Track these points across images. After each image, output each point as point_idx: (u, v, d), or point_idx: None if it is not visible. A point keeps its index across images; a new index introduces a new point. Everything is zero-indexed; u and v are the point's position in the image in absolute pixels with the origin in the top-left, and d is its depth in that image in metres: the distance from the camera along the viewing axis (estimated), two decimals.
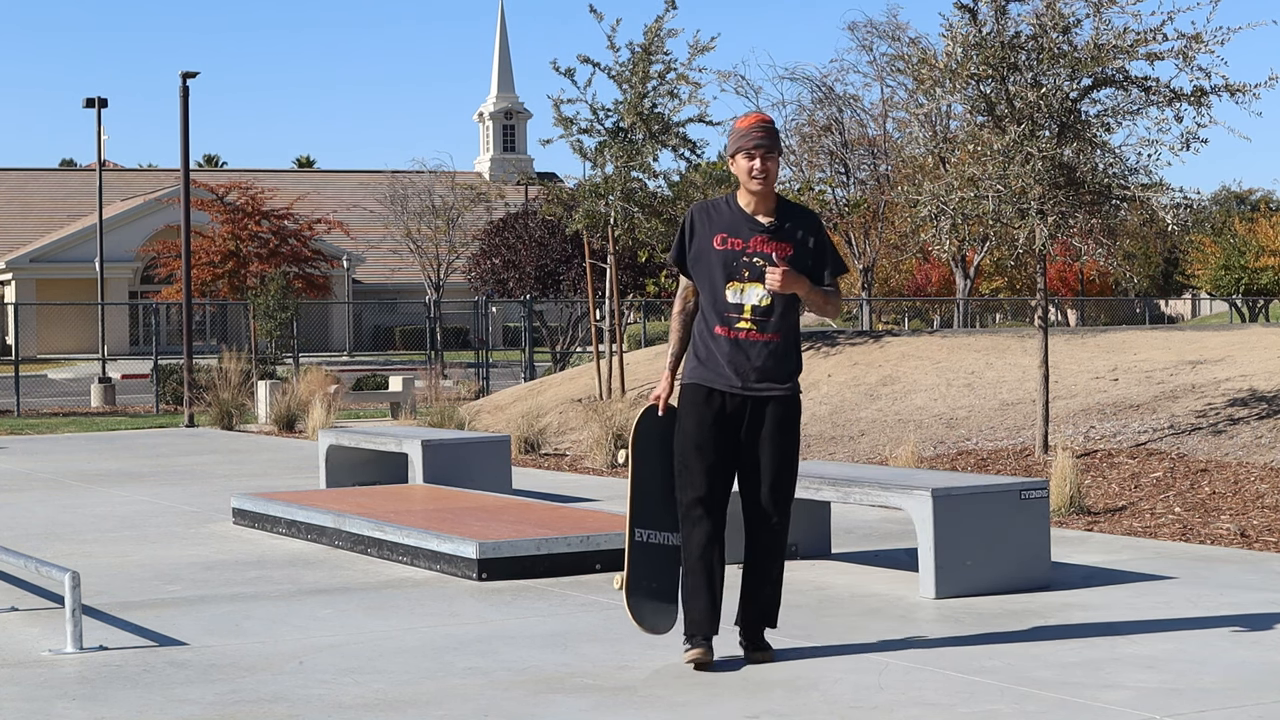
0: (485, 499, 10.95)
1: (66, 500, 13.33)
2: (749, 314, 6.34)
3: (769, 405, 6.39)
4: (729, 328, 6.36)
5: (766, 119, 6.44)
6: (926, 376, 16.75)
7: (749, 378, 6.36)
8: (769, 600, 6.53)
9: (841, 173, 34.07)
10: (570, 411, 19.08)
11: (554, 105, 19.20)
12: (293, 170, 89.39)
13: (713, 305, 6.38)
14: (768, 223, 6.38)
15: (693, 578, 6.40)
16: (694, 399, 6.38)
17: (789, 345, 6.43)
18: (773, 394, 6.38)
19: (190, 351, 25.21)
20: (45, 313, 58.81)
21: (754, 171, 6.32)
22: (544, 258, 32.42)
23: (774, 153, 6.35)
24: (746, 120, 6.41)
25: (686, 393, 6.41)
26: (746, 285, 6.34)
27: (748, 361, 6.35)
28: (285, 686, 6.26)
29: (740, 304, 6.34)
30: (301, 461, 16.55)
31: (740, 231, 6.37)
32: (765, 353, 6.36)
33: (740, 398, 6.37)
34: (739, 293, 6.34)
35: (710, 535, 6.38)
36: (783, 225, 6.39)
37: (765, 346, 6.36)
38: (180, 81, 25.45)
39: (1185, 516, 10.51)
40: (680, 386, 6.44)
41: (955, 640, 6.93)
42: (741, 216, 6.39)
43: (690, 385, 6.42)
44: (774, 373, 6.38)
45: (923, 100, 14.68)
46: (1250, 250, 60.15)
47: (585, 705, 5.89)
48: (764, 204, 6.39)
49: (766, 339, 6.36)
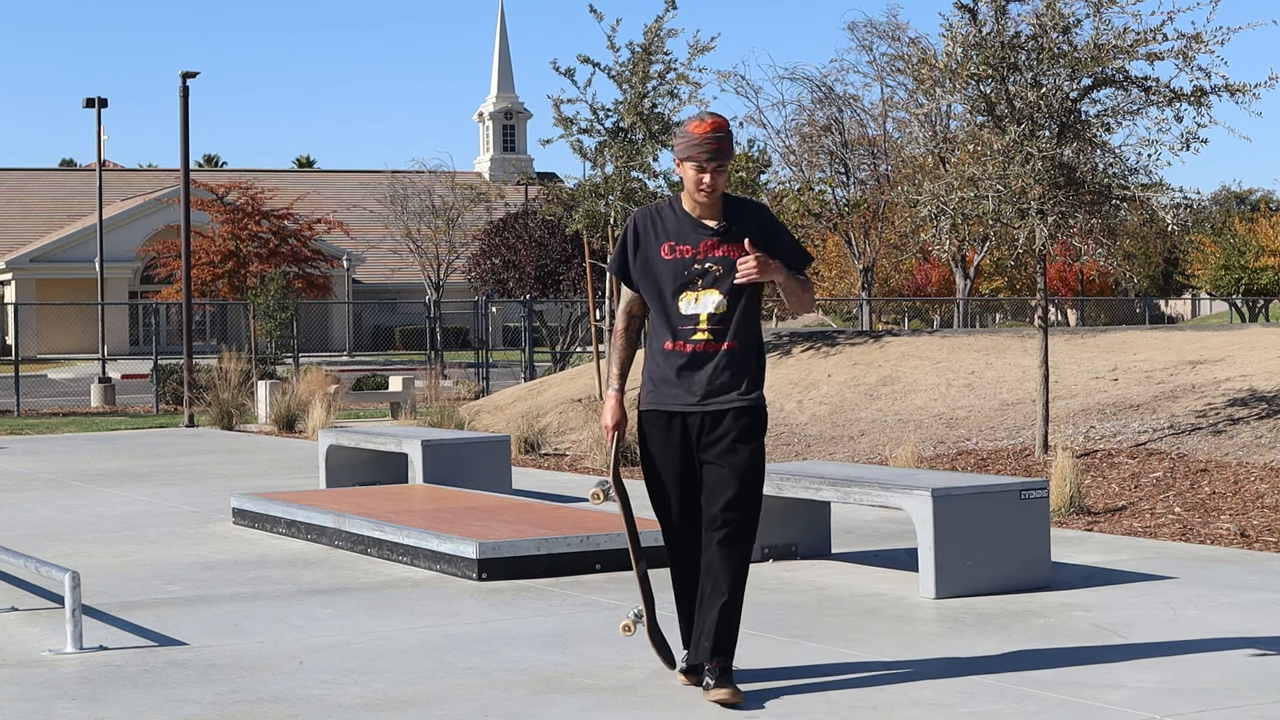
0: (485, 499, 10.95)
1: (66, 500, 13.33)
2: (705, 323, 5.91)
3: (727, 416, 5.91)
4: (683, 340, 5.93)
5: (721, 125, 5.92)
6: (926, 376, 16.75)
7: (706, 393, 5.93)
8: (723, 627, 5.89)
9: (841, 173, 34.08)
10: (570, 411, 19.09)
11: (554, 105, 19.20)
12: (293, 170, 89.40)
13: (664, 320, 5.96)
14: (716, 225, 5.96)
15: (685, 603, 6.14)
16: (654, 426, 6.03)
17: (748, 352, 5.97)
18: (732, 405, 5.91)
19: (190, 351, 25.21)
20: (45, 313, 58.81)
21: (702, 184, 5.91)
22: (544, 258, 32.43)
23: (725, 165, 5.90)
24: (700, 126, 5.89)
25: (645, 421, 6.06)
26: (701, 294, 5.92)
27: (704, 375, 5.92)
28: (285, 686, 6.26)
29: (695, 314, 5.92)
30: (301, 461, 16.56)
31: (688, 237, 5.96)
32: (723, 363, 5.91)
33: (699, 415, 5.95)
34: (693, 302, 5.92)
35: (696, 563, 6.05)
36: (730, 227, 5.96)
37: (724, 356, 5.91)
38: (180, 81, 25.45)
39: (1185, 516, 10.51)
40: (639, 414, 6.10)
41: (955, 640, 6.93)
42: (688, 222, 5.98)
43: (648, 413, 6.05)
44: (733, 383, 5.92)
45: (923, 100, 14.69)
46: (1250, 250, 60.16)
47: (585, 705, 5.89)
48: (711, 210, 6.00)
49: (725, 347, 5.91)
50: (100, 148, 41.13)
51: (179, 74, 25.58)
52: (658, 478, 6.10)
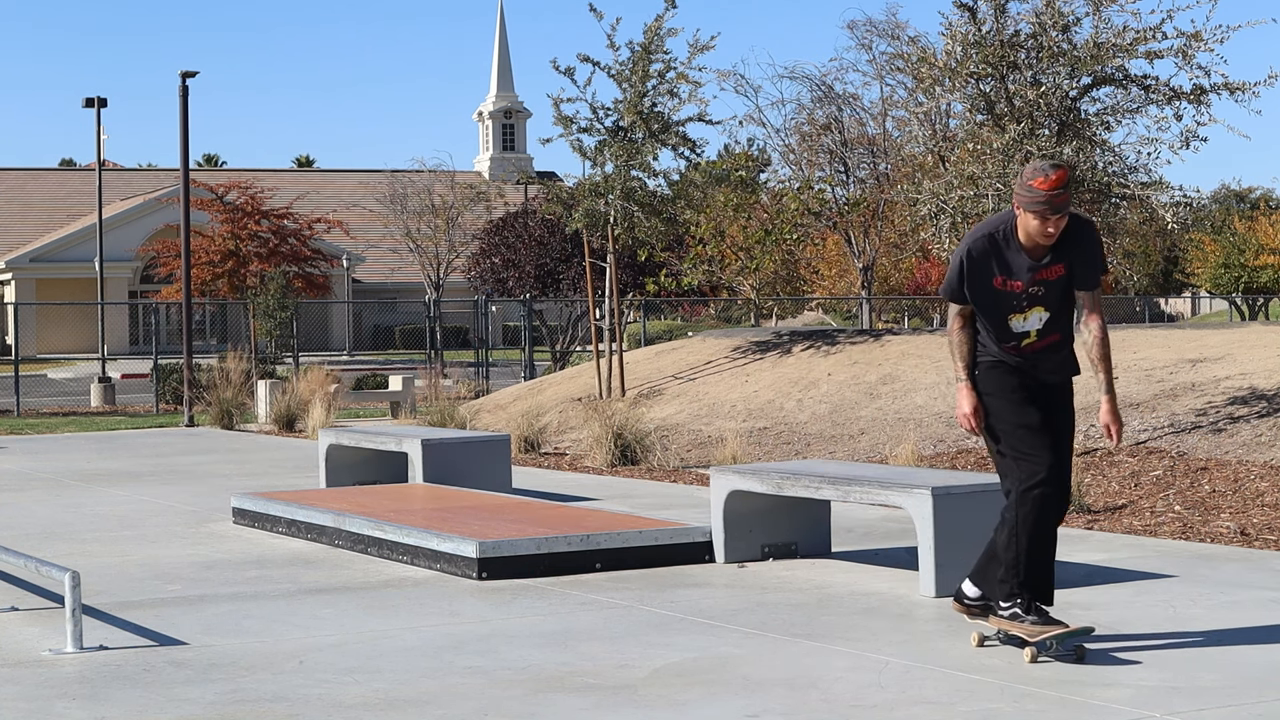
0: (485, 498, 10.95)
1: (66, 500, 13.32)
2: (1033, 335, 6.54)
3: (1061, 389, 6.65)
4: (1014, 346, 6.55)
5: (1064, 179, 6.35)
6: (926, 375, 16.74)
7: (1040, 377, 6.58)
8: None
9: (841, 171, 34.04)
10: (570, 410, 19.08)
11: (554, 104, 19.21)
12: (292, 170, 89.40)
13: (994, 334, 6.56)
14: (1043, 259, 6.47)
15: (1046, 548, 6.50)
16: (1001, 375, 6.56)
17: (1067, 339, 6.61)
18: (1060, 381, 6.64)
19: (190, 351, 25.21)
20: (45, 312, 58.79)
21: (1044, 234, 6.37)
22: (544, 257, 32.40)
23: (1067, 214, 6.40)
24: (1045, 182, 6.31)
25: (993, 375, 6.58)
26: (1028, 313, 6.50)
27: (1036, 366, 6.57)
28: (285, 686, 6.26)
29: (1025, 330, 6.52)
30: (301, 461, 16.55)
31: (1020, 274, 6.45)
32: (1051, 354, 6.57)
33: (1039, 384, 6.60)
34: (1021, 321, 6.51)
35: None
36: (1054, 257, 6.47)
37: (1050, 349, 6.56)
38: (180, 81, 25.44)
39: (1185, 515, 10.51)
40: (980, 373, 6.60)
41: (955, 639, 6.93)
42: (1019, 258, 6.47)
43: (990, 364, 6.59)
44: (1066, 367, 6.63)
45: (922, 99, 14.69)
46: (1250, 248, 60.14)
47: (585, 704, 5.89)
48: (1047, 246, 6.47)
49: (1049, 341, 6.55)
50: (100, 147, 41.11)
51: (179, 74, 25.58)
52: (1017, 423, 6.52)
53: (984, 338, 6.60)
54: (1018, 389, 6.54)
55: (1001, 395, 6.54)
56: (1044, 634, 6.36)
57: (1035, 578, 6.48)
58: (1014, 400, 6.52)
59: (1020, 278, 6.45)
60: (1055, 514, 6.46)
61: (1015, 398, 6.53)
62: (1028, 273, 6.44)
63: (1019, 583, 6.47)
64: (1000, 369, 6.56)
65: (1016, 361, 6.55)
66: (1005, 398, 6.53)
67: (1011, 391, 6.53)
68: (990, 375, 6.57)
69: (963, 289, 6.52)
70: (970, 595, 6.80)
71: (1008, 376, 6.55)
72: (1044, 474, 6.41)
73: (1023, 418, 6.50)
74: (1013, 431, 6.50)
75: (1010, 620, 6.50)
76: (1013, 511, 6.46)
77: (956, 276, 6.51)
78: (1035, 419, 6.50)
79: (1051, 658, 6.37)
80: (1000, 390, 6.55)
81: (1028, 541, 6.43)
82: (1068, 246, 6.46)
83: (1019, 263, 6.45)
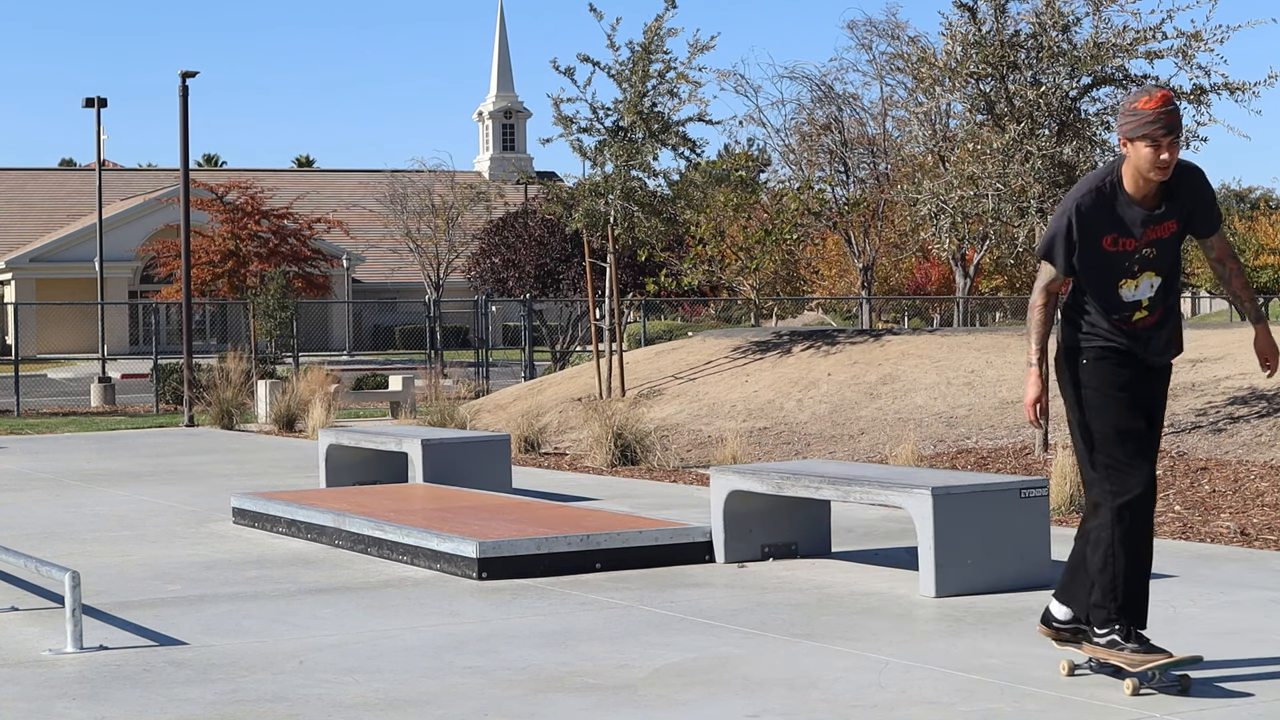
0: (485, 498, 10.95)
1: (66, 500, 13.32)
2: (1145, 304, 5.96)
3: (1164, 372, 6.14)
4: (1122, 320, 5.96)
5: (1170, 97, 5.77)
6: (926, 375, 16.74)
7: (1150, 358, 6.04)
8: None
9: (841, 171, 34.03)
10: (570, 410, 19.08)
11: (554, 104, 19.21)
12: (292, 170, 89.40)
13: (1102, 304, 5.95)
14: (1155, 209, 5.89)
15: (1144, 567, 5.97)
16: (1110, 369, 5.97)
17: (1174, 313, 6.08)
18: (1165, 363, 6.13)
19: (190, 351, 25.21)
20: (45, 312, 58.79)
21: (1159, 163, 5.77)
22: (544, 257, 32.40)
23: (1180, 139, 5.79)
24: (1150, 101, 5.75)
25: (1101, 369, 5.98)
26: (1139, 279, 5.92)
27: (1148, 345, 6.00)
28: (285, 686, 6.26)
29: (1136, 300, 5.94)
30: (301, 461, 16.55)
31: (1131, 229, 5.88)
32: (1160, 331, 6.01)
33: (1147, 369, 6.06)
34: (1133, 289, 5.93)
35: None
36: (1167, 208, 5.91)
37: (1158, 326, 6.01)
38: (180, 81, 25.44)
39: (1185, 515, 10.51)
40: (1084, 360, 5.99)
41: (955, 639, 6.93)
42: (1129, 210, 5.88)
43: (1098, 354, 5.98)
44: (1171, 346, 6.09)
45: (922, 99, 14.69)
46: (1250, 248, 60.17)
47: (585, 704, 5.89)
48: (1158, 191, 5.89)
49: (1159, 315, 5.99)
50: (100, 147, 41.10)
51: (178, 74, 25.58)
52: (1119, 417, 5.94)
53: (1091, 316, 5.98)
54: (1126, 386, 5.95)
55: (1107, 393, 5.93)
56: (1147, 664, 5.82)
57: (1133, 600, 5.93)
58: (1120, 401, 5.93)
59: (1134, 233, 5.86)
60: (1152, 528, 5.94)
61: (1123, 398, 5.93)
62: (1141, 226, 5.85)
63: (1117, 607, 5.90)
64: (1109, 361, 5.95)
65: (1126, 343, 5.94)
66: (1111, 397, 5.93)
67: (1119, 390, 5.93)
68: (1098, 370, 5.95)
69: (1069, 253, 5.89)
70: (1060, 618, 6.19)
71: (1118, 370, 5.95)
72: (1141, 488, 5.86)
73: (1126, 421, 5.92)
74: (1112, 438, 5.90)
75: (1108, 648, 5.94)
76: (1109, 530, 5.87)
77: (1064, 238, 5.88)
78: (1139, 424, 5.95)
79: (1154, 689, 5.88)
80: (1106, 386, 5.94)
81: (1126, 562, 5.87)
82: (1181, 196, 5.91)
83: (1132, 215, 5.86)
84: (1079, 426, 5.99)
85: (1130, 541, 5.86)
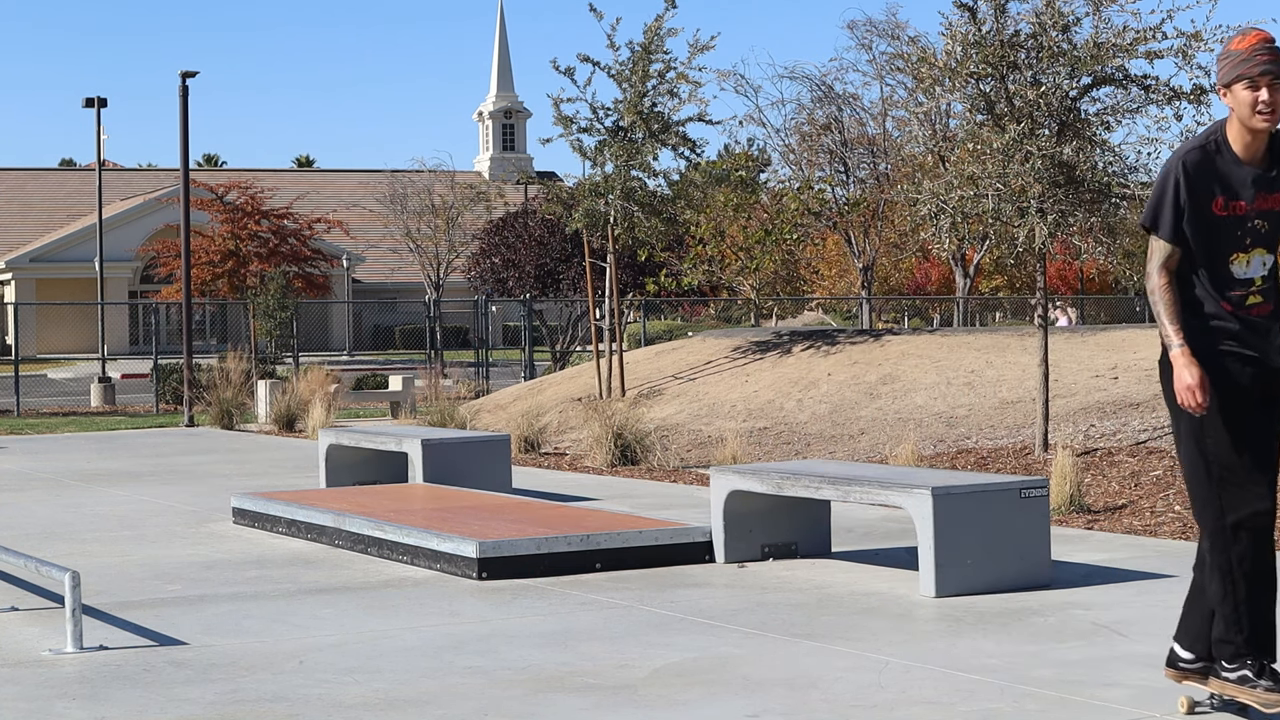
0: (485, 498, 10.96)
1: (66, 500, 13.32)
2: (1259, 284, 5.33)
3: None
4: (1234, 305, 5.31)
5: (1268, 37, 5.27)
6: (926, 375, 16.74)
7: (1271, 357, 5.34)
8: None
9: (841, 171, 34.04)
10: (570, 410, 19.08)
11: (554, 104, 19.21)
12: (292, 170, 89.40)
13: (1211, 280, 5.32)
14: (1265, 171, 5.33)
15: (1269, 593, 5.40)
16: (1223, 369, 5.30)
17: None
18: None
19: (190, 351, 25.22)
20: (45, 312, 58.79)
21: (1260, 105, 5.22)
22: (544, 257, 32.40)
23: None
24: (1246, 40, 5.26)
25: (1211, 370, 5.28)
26: (1251, 254, 5.31)
27: (1267, 340, 5.34)
28: (285, 686, 6.26)
29: (1248, 278, 5.32)
30: (301, 461, 16.55)
31: (1243, 192, 5.30)
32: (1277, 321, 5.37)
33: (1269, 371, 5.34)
34: (1244, 266, 5.31)
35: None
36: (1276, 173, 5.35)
37: (1274, 317, 5.35)
38: (180, 81, 25.44)
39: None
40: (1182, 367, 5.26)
41: (955, 639, 6.93)
42: (1238, 170, 5.31)
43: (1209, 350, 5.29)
44: None
45: (922, 99, 14.69)
46: None
47: (585, 704, 5.89)
48: (1263, 145, 5.32)
49: (1273, 306, 5.36)
50: (100, 147, 41.10)
51: (178, 74, 25.59)
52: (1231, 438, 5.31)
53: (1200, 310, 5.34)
54: (1245, 391, 5.30)
55: (1222, 399, 5.28)
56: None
57: (1260, 630, 5.36)
58: (1238, 409, 5.29)
59: (1244, 195, 5.28)
60: (1274, 549, 5.36)
61: (1240, 404, 5.29)
62: (1252, 188, 5.28)
63: (1244, 639, 5.34)
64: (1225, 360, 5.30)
65: (1239, 330, 5.30)
66: (1227, 403, 5.28)
67: (1237, 395, 5.29)
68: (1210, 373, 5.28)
69: (1178, 217, 5.28)
70: (1185, 659, 5.59)
71: (1233, 368, 5.29)
72: (1261, 505, 5.26)
73: (1244, 430, 5.29)
74: (1228, 451, 5.26)
75: (1238, 685, 5.38)
76: (1225, 554, 5.31)
77: (1173, 200, 5.28)
78: (1259, 434, 5.30)
79: None
80: (1220, 390, 5.28)
81: (1248, 588, 5.30)
82: None
83: (1240, 175, 5.29)
84: (1189, 437, 5.35)
85: (1251, 564, 5.31)
